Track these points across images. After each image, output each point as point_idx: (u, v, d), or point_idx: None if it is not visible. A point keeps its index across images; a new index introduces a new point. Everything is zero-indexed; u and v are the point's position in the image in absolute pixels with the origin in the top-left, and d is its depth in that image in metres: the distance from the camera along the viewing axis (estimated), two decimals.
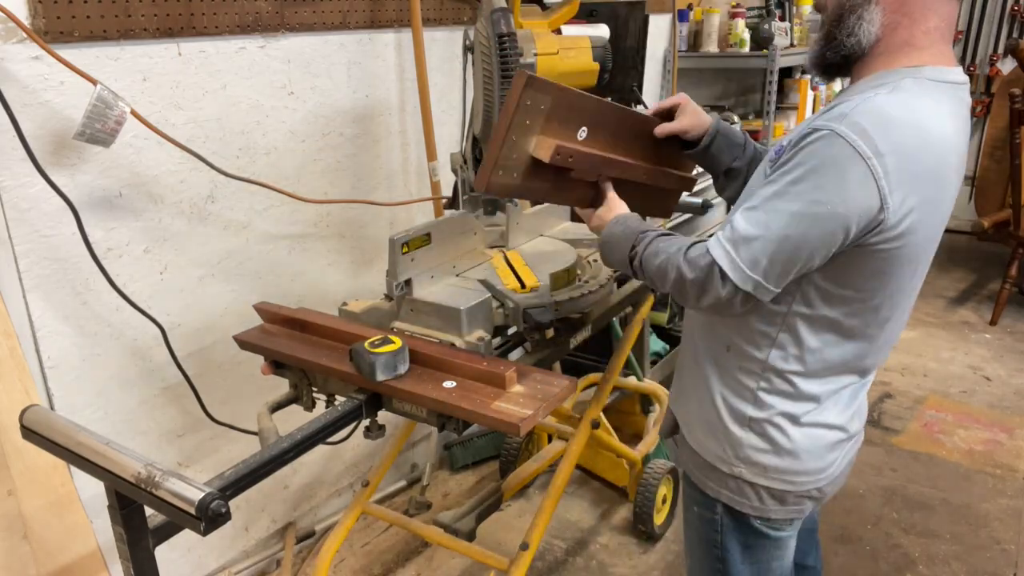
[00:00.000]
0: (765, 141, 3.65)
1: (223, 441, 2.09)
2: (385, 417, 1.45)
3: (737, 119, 3.62)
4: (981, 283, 4.49)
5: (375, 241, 2.40)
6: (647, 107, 1.53)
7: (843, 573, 2.24)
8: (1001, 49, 4.96)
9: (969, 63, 5.08)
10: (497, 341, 1.60)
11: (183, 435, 2.01)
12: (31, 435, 1.20)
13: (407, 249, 1.55)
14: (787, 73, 4.00)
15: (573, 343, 1.69)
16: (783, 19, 3.87)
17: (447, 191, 2.37)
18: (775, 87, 3.57)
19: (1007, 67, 4.83)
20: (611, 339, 2.68)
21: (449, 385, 1.32)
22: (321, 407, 1.49)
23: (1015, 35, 4.91)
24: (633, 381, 2.63)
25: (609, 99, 1.39)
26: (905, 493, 2.59)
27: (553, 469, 1.92)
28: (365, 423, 1.44)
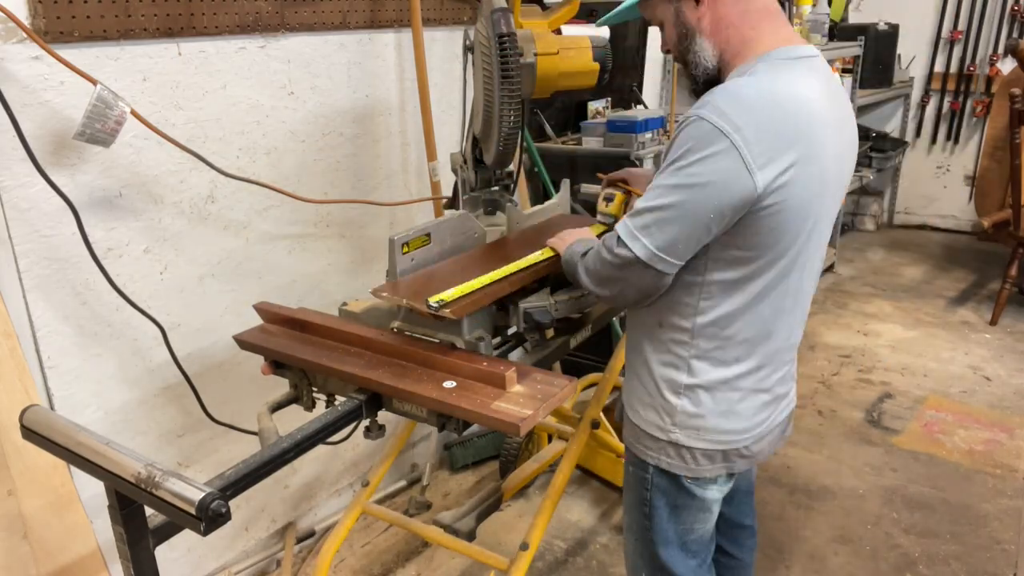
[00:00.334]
0: None
1: (223, 441, 2.09)
2: (385, 417, 1.45)
3: None
4: (981, 283, 4.49)
5: (375, 241, 2.40)
6: (647, 107, 1.57)
7: (843, 573, 2.24)
8: (1001, 49, 4.96)
9: (969, 63, 5.08)
10: (497, 341, 1.60)
11: (183, 435, 2.01)
12: (31, 435, 1.20)
13: (407, 249, 1.55)
14: None
15: (573, 343, 1.69)
16: None
17: (447, 191, 2.38)
18: None
19: (1007, 67, 4.83)
20: (611, 339, 2.68)
21: (449, 385, 1.32)
22: (321, 407, 1.49)
23: (1015, 35, 4.91)
24: None
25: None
26: (905, 493, 2.59)
27: (553, 469, 1.92)
28: (365, 423, 1.44)
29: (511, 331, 1.63)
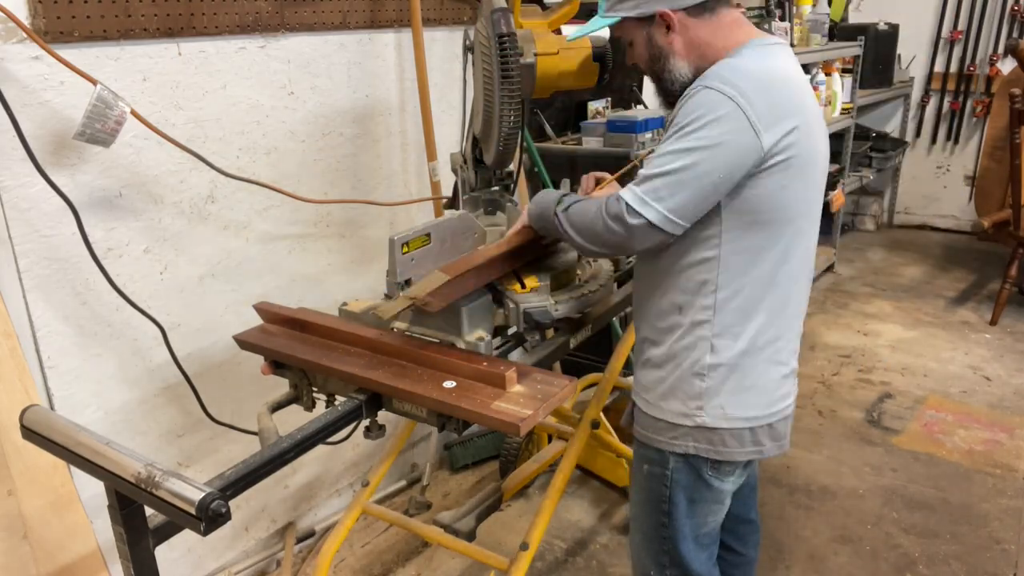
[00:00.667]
0: None
1: (223, 441, 2.09)
2: (385, 417, 1.45)
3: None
4: (981, 283, 4.49)
5: (375, 241, 2.40)
6: (647, 107, 1.59)
7: (843, 573, 2.24)
8: (1001, 49, 4.95)
9: (969, 63, 5.08)
10: (497, 341, 1.60)
11: (183, 435, 2.01)
12: (31, 435, 1.20)
13: (407, 249, 1.55)
14: None
15: (573, 343, 1.69)
16: (783, 19, 3.87)
17: (447, 191, 2.38)
18: None
19: (1007, 67, 4.83)
20: (611, 339, 2.68)
21: (449, 385, 1.32)
22: (321, 407, 1.49)
23: (1015, 35, 4.91)
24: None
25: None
26: (905, 493, 2.59)
27: (553, 469, 1.92)
28: (365, 423, 1.44)
29: (511, 331, 1.63)
